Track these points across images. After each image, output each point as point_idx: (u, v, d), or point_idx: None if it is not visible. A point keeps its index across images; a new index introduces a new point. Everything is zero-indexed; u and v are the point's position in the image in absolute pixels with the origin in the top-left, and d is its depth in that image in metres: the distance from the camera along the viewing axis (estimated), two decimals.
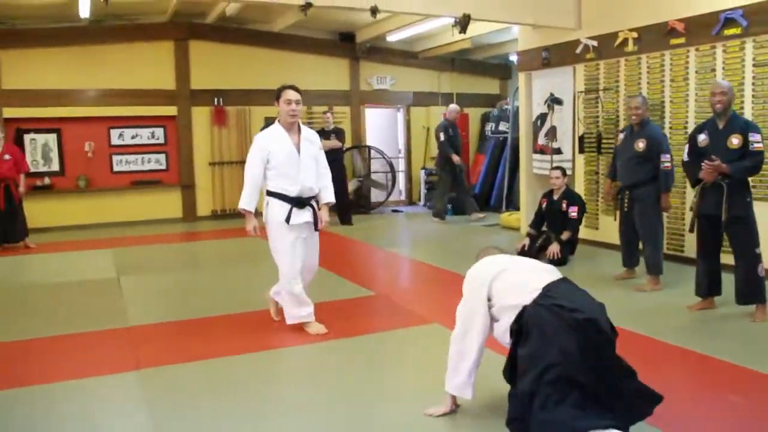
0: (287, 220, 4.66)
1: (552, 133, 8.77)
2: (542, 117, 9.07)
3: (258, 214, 4.72)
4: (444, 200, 10.98)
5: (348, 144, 11.80)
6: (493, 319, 3.17)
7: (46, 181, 10.77)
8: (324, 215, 4.94)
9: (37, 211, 10.05)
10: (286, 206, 4.69)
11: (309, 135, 4.89)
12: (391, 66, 12.84)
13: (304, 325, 4.88)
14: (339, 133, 10.68)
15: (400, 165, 13.40)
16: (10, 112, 10.38)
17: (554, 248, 7.05)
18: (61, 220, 10.70)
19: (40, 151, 10.86)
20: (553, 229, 7.35)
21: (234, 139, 11.74)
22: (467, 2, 7.36)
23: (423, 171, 12.94)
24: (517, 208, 9.97)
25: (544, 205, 7.51)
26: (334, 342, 4.66)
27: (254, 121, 11.75)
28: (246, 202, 4.71)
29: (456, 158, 10.59)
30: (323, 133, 10.57)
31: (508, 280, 3.15)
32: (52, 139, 10.92)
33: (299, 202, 4.72)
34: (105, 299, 6.07)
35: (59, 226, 10.61)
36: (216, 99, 11.54)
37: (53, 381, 3.98)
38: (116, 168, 11.27)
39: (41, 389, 3.86)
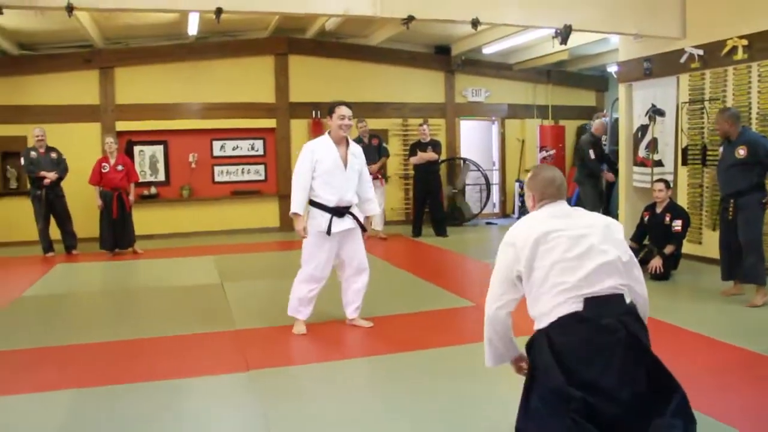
0: (328, 231, 4.92)
1: (653, 145, 8.56)
2: (643, 129, 8.85)
3: None
4: None
5: (444, 156, 11.84)
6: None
7: (153, 190, 11.28)
8: (368, 226, 5.25)
9: (144, 219, 10.54)
10: (327, 216, 4.94)
11: (355, 150, 5.14)
12: (486, 78, 12.82)
13: (295, 321, 5.16)
14: (436, 146, 10.72)
15: (495, 177, 13.33)
16: (122, 126, 10.96)
17: (656, 262, 6.87)
18: (166, 227, 11.18)
19: (147, 162, 11.40)
20: (656, 243, 7.16)
21: None
22: (568, 13, 7.29)
23: (517, 183, 12.83)
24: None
25: (646, 219, 7.33)
26: (436, 350, 4.69)
27: (351, 133, 11.92)
28: (296, 206, 4.93)
29: (610, 176, 9.82)
30: (420, 145, 10.66)
31: (544, 266, 2.73)
32: (159, 150, 11.45)
33: (338, 212, 4.97)
34: (211, 303, 6.31)
35: (164, 233, 11.09)
36: (314, 111, 11.80)
37: (168, 378, 4.17)
38: (217, 178, 11.69)
39: (156, 385, 4.06)
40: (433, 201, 10.79)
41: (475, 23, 6.94)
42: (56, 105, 10.65)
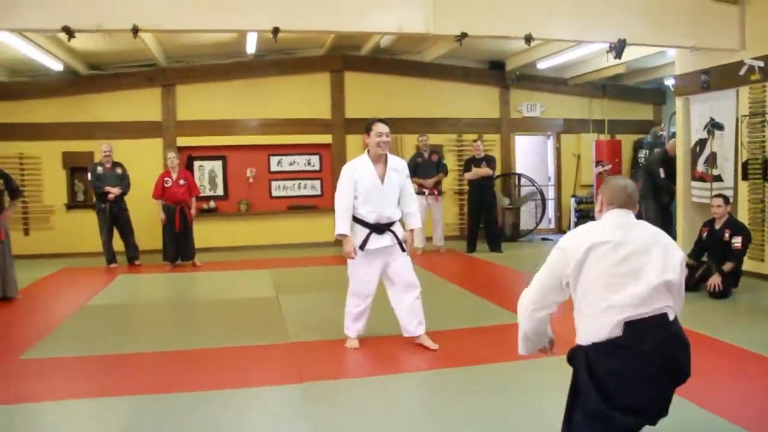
0: (362, 246, 4.96)
1: (712, 160, 8.39)
2: (701, 143, 8.69)
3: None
4: None
5: (498, 171, 11.83)
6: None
7: (212, 204, 11.57)
8: (410, 239, 5.17)
9: (203, 232, 10.81)
10: (365, 231, 4.98)
11: (396, 165, 5.16)
12: (540, 93, 12.77)
13: (348, 338, 5.24)
14: (490, 161, 10.72)
15: (550, 193, 13.23)
16: (183, 141, 11.31)
17: (716, 280, 6.72)
18: (224, 241, 11.44)
19: (207, 177, 11.71)
20: (715, 260, 7.01)
21: None
22: (623, 27, 7.23)
23: (573, 199, 12.71)
24: (673, 238, 9.54)
25: (704, 235, 7.18)
26: (487, 366, 4.70)
27: (406, 149, 12.05)
28: (341, 227, 4.96)
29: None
30: (474, 161, 10.68)
31: (587, 287, 2.75)
32: (217, 165, 11.76)
33: (377, 228, 4.98)
34: (267, 316, 6.44)
35: (222, 246, 11.35)
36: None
37: (223, 388, 4.29)
38: (274, 193, 11.92)
39: (211, 395, 4.18)
40: (488, 216, 10.77)
41: (528, 39, 6.95)
42: (121, 122, 11.07)
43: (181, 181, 9.66)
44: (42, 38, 8.75)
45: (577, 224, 12.24)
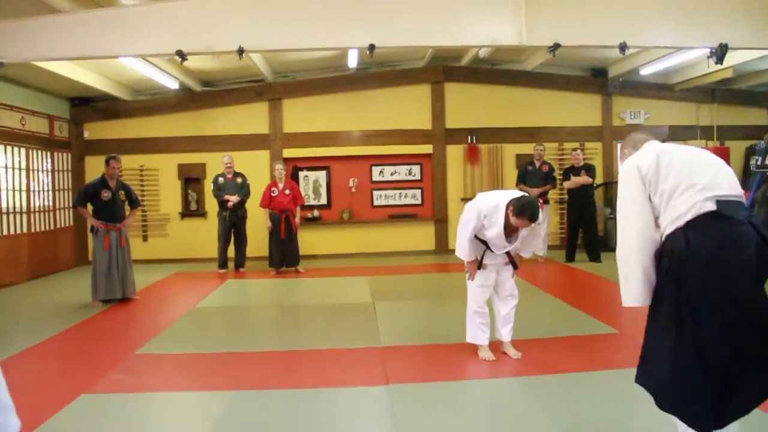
0: (479, 265, 5.10)
1: None
2: None
3: None
4: None
5: (599, 180, 11.67)
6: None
7: (315, 213, 12.02)
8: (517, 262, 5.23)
9: (306, 240, 11.25)
10: (481, 248, 5.10)
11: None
12: (644, 99, 12.49)
13: (478, 348, 5.21)
14: (590, 170, 10.60)
15: None
16: (289, 153, 11.82)
17: None
18: (327, 248, 11.86)
19: (311, 187, 12.17)
20: None
21: (486, 176, 12.17)
22: (724, 31, 7.05)
23: None
24: None
25: None
26: (574, 375, 4.75)
27: (506, 158, 12.11)
28: (464, 254, 5.08)
29: None
30: (573, 170, 10.60)
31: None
32: (322, 176, 12.20)
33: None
34: (362, 321, 6.69)
35: (325, 254, 11.77)
36: (469, 137, 12.08)
37: (314, 387, 4.56)
38: (376, 202, 12.23)
39: (303, 392, 4.46)
40: (587, 226, 10.65)
41: (623, 47, 6.92)
42: (231, 135, 11.72)
43: (287, 191, 10.12)
44: (160, 60, 9.44)
45: None
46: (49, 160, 11.07)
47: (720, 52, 7.07)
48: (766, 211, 9.15)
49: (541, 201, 10.49)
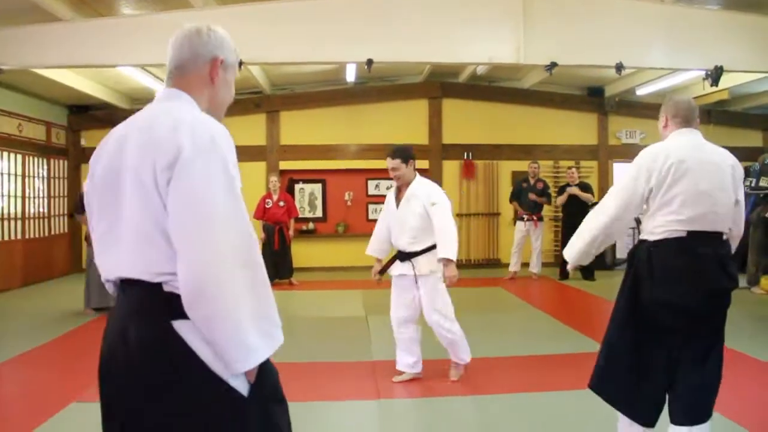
0: (381, 271, 5.17)
1: None
2: None
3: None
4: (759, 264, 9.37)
5: (595, 199, 11.69)
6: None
7: (311, 226, 12.03)
8: (446, 271, 4.83)
9: (301, 253, 11.26)
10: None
11: (417, 191, 4.98)
12: (641, 119, 12.53)
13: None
14: (586, 188, 10.64)
15: None
16: (285, 165, 11.85)
17: None
18: (321, 261, 11.86)
19: (307, 199, 12.19)
20: None
21: (482, 192, 12.21)
22: (718, 54, 7.12)
23: None
24: None
25: None
26: (557, 393, 4.76)
27: (502, 175, 12.14)
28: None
29: None
30: (568, 188, 10.64)
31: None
32: (317, 188, 12.23)
33: (400, 256, 5.04)
34: (354, 334, 6.70)
35: (318, 266, 11.76)
36: (465, 153, 12.13)
37: (303, 400, 4.55)
38: (371, 216, 12.24)
39: (293, 406, 4.43)
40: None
41: (619, 67, 6.98)
42: None
43: (281, 203, 10.13)
44: (158, 69, 9.46)
45: None
46: (46, 167, 11.08)
47: (715, 75, 7.13)
48: (762, 232, 9.20)
49: (534, 218, 10.53)
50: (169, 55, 1.93)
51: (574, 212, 10.50)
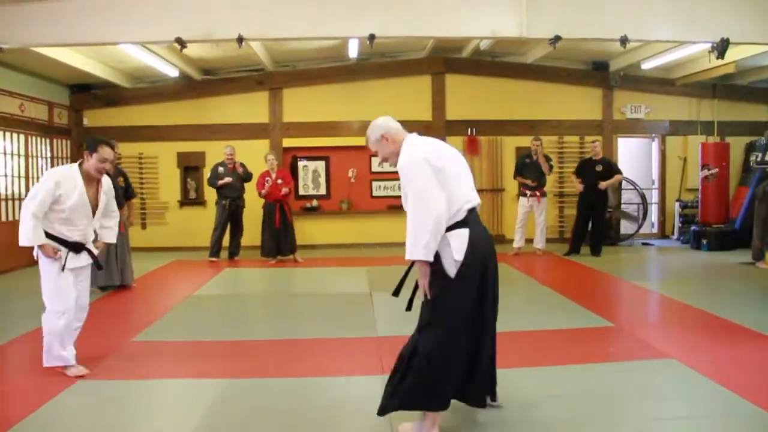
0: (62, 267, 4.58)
1: None
2: None
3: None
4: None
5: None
6: None
7: (314, 203, 12.02)
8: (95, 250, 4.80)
9: (305, 230, 11.27)
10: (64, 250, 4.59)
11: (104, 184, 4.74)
12: (646, 94, 12.46)
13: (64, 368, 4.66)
14: (610, 164, 10.65)
15: (653, 196, 12.90)
16: (288, 142, 11.84)
17: None
18: (325, 238, 11.89)
19: (310, 177, 12.18)
20: None
21: (485, 168, 12.16)
22: (725, 26, 7.06)
23: (678, 203, 12.35)
24: None
25: None
26: (562, 367, 4.77)
27: (506, 151, 12.10)
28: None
29: None
30: (589, 162, 10.54)
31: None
32: (321, 166, 12.21)
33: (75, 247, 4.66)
34: (358, 311, 6.72)
35: (323, 243, 11.79)
36: (469, 129, 12.08)
37: (309, 375, 4.58)
38: (375, 193, 12.25)
39: (299, 381, 4.48)
40: (597, 221, 10.63)
41: (624, 41, 6.92)
42: (231, 123, 11.70)
43: (279, 180, 10.10)
44: (159, 48, 9.41)
45: (681, 229, 11.93)
46: (48, 147, 11.06)
47: (721, 47, 7.07)
48: (767, 206, 9.16)
49: (537, 194, 10.49)
50: None
51: (593, 186, 10.40)
